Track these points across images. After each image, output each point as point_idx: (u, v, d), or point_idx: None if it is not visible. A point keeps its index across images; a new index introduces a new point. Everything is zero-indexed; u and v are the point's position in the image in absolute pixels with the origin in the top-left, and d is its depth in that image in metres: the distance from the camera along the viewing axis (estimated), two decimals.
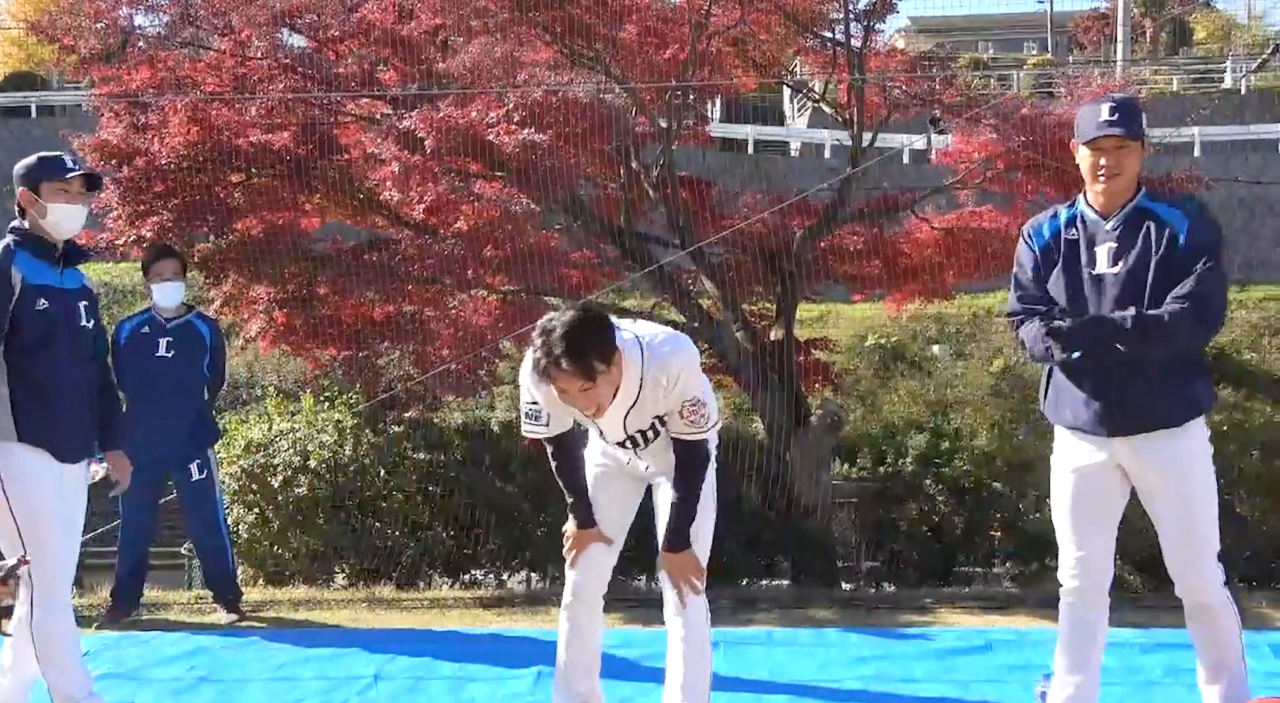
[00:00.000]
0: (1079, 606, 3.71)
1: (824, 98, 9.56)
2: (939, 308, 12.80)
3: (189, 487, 6.00)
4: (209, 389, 6.15)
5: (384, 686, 4.64)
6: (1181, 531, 3.54)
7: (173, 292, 6.05)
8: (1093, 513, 3.66)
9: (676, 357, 3.38)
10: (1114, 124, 3.52)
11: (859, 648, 5.16)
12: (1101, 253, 3.57)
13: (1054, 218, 3.73)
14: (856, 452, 9.16)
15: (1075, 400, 3.60)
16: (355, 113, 8.27)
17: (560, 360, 3.15)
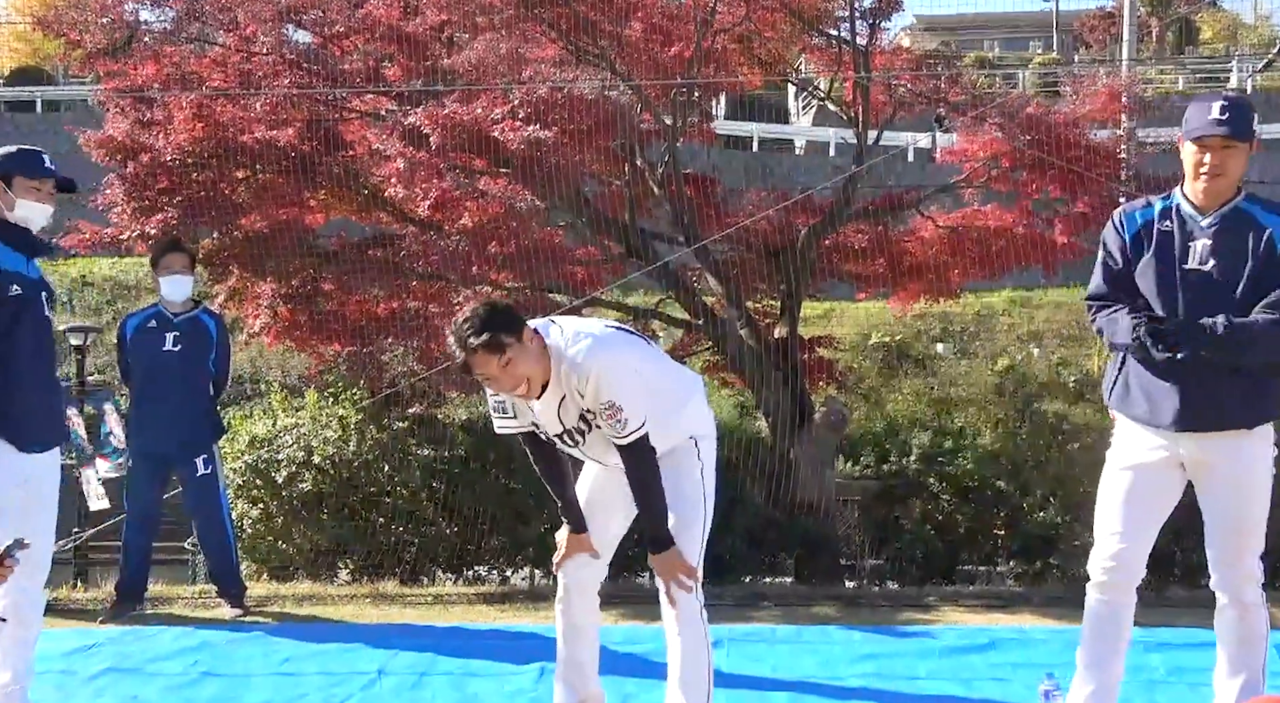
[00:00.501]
0: (1107, 602, 3.69)
1: (829, 96, 9.55)
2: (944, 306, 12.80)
3: (194, 482, 6.01)
4: (214, 385, 6.15)
5: (388, 681, 4.65)
6: (1232, 529, 3.56)
7: (181, 285, 6.06)
8: (1142, 510, 3.65)
9: (591, 361, 3.38)
10: (1222, 123, 3.50)
11: (862, 646, 5.16)
12: (1195, 248, 3.56)
13: (1148, 207, 3.71)
14: (860, 450, 9.14)
15: (1149, 395, 3.59)
16: (360, 109, 8.28)
17: (468, 340, 3.31)
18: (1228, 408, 3.50)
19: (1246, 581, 3.58)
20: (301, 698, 4.42)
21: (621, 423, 3.39)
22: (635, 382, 3.44)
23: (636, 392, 3.43)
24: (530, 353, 3.37)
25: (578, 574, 3.73)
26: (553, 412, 3.51)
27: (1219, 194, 3.58)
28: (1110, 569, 3.66)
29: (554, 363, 3.41)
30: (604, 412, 3.40)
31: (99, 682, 4.67)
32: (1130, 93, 8.76)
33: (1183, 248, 3.58)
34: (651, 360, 3.63)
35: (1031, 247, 8.56)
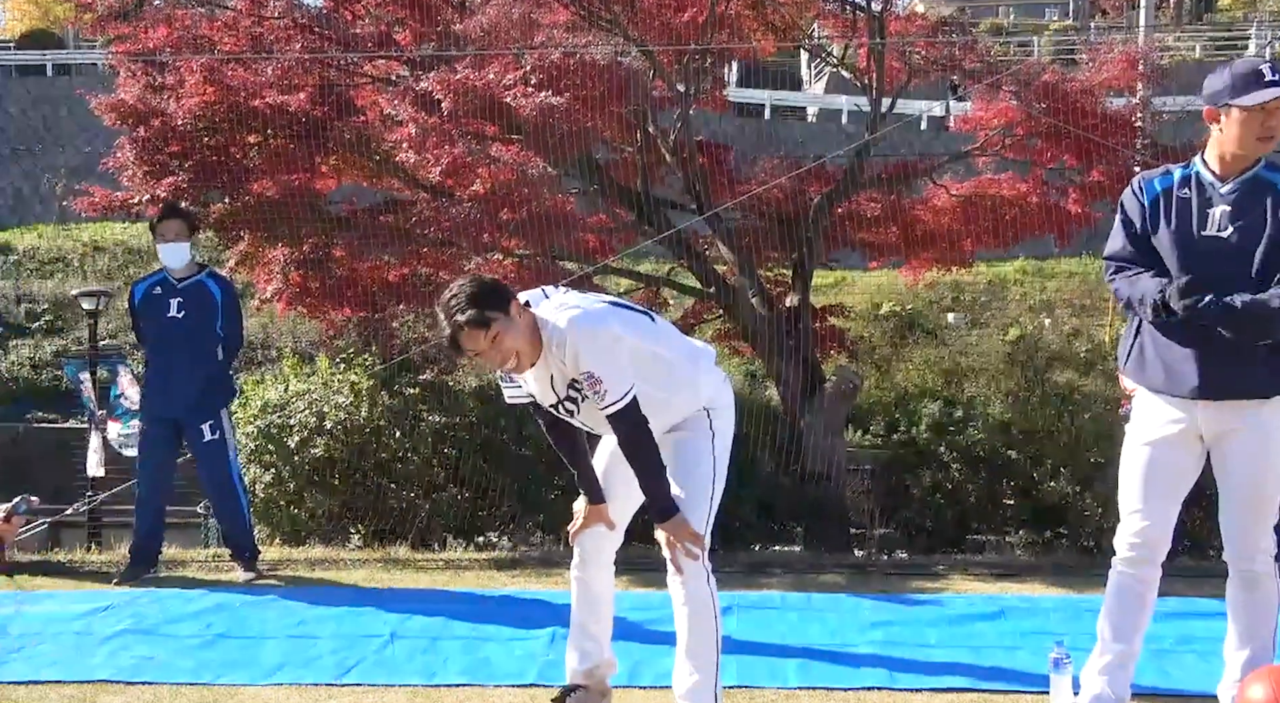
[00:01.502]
0: (1131, 576, 3.67)
1: (843, 62, 9.48)
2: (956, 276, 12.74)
3: (201, 447, 6.01)
4: (225, 349, 6.13)
5: (400, 644, 4.68)
6: (1248, 500, 3.54)
7: (177, 252, 6.01)
8: (1164, 486, 3.63)
9: (570, 329, 3.37)
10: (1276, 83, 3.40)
11: (871, 613, 5.17)
12: (1214, 215, 3.52)
13: (1167, 175, 3.67)
14: (870, 419, 9.16)
15: (1166, 363, 3.56)
16: (372, 74, 8.24)
17: (455, 317, 3.30)
18: (1246, 376, 3.47)
19: (1260, 552, 3.57)
20: (315, 660, 4.46)
21: (601, 394, 3.37)
22: (615, 351, 3.40)
23: (617, 361, 3.39)
24: (518, 327, 3.35)
25: (595, 543, 3.74)
26: (545, 383, 3.51)
27: (1247, 158, 3.51)
28: (1134, 546, 3.65)
29: (542, 335, 3.41)
30: (585, 381, 3.39)
31: (115, 642, 4.71)
32: (1147, 60, 8.68)
33: (1201, 215, 3.53)
34: (649, 333, 3.56)
35: (1045, 216, 8.52)
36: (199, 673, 4.33)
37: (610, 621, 3.84)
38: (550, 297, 3.52)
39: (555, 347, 3.39)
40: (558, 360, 3.42)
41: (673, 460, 3.53)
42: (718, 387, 3.71)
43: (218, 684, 4.20)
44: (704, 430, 3.63)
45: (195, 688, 4.17)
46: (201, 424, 5.97)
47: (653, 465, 3.46)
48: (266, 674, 4.31)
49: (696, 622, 3.50)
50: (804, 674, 4.26)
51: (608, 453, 3.75)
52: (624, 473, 3.68)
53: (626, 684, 4.06)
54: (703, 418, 3.63)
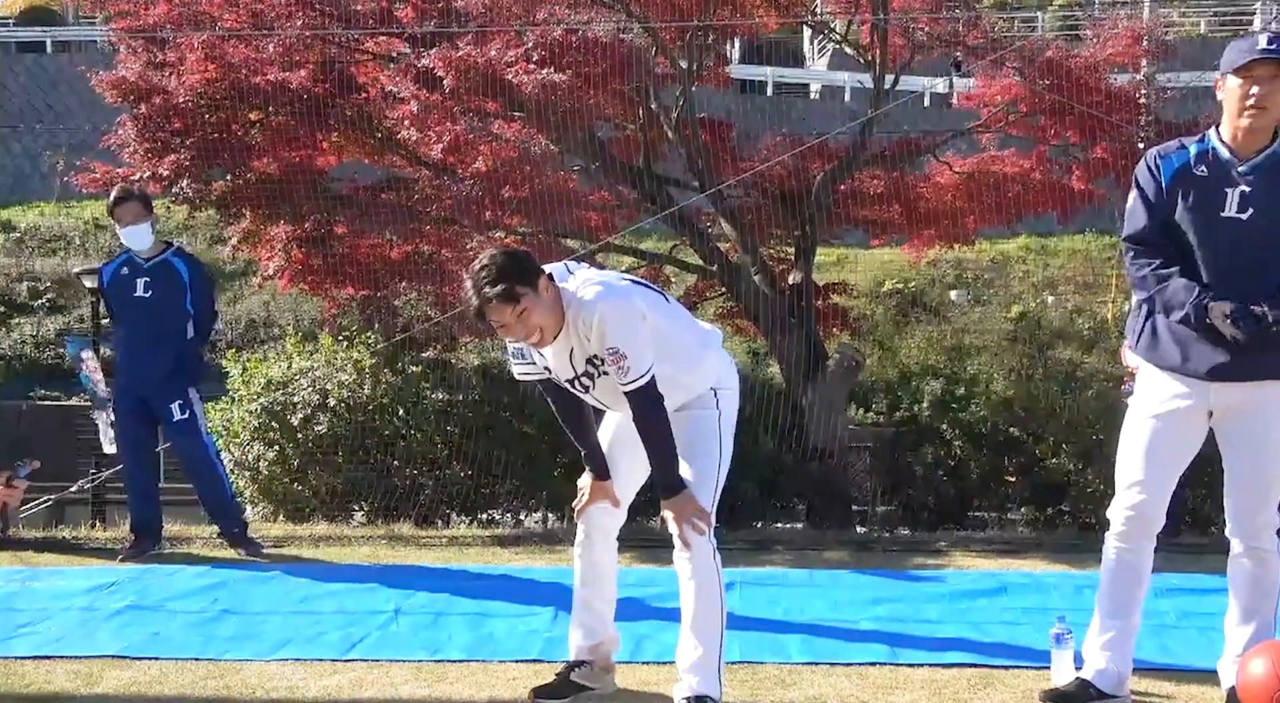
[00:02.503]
0: (1126, 550, 3.66)
1: (845, 39, 9.45)
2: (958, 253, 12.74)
3: (170, 427, 5.98)
4: (196, 327, 6.07)
5: (405, 620, 4.70)
6: (1255, 479, 3.50)
7: (138, 234, 5.93)
8: (1164, 460, 3.60)
9: (598, 304, 3.37)
10: (1270, 51, 3.33)
11: (873, 589, 5.19)
12: (1232, 196, 3.42)
13: (1182, 150, 3.56)
14: (872, 397, 9.17)
15: (1182, 344, 3.51)
16: (373, 51, 8.21)
17: (484, 290, 3.30)
18: (1264, 357, 3.42)
19: (1264, 529, 3.55)
20: (320, 636, 4.47)
21: (624, 370, 3.38)
22: (640, 328, 3.42)
23: (642, 339, 3.41)
24: (545, 302, 3.36)
25: (599, 519, 3.75)
26: (564, 358, 3.51)
27: (1259, 133, 3.43)
28: (1130, 519, 3.63)
29: (565, 309, 3.42)
30: (608, 356, 3.39)
31: (121, 618, 4.73)
32: (1152, 36, 8.63)
33: (1218, 195, 3.43)
34: (666, 313, 3.60)
35: (1048, 193, 8.51)
36: (204, 649, 4.35)
37: (614, 597, 3.86)
38: (574, 272, 3.52)
39: (581, 322, 3.39)
40: (581, 336, 3.42)
41: (681, 438, 3.54)
42: (724, 367, 3.74)
43: (223, 660, 4.22)
44: (711, 410, 3.65)
45: (201, 663, 4.18)
46: (170, 404, 5.92)
47: (665, 442, 3.48)
48: (271, 650, 4.33)
49: (702, 597, 3.52)
50: (806, 650, 4.28)
51: (611, 430, 3.77)
52: (628, 451, 3.69)
53: (630, 659, 4.08)
54: (710, 397, 3.65)
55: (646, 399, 3.43)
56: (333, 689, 3.91)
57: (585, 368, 3.50)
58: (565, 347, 3.47)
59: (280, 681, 3.98)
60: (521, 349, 3.60)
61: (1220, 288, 3.43)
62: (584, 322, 3.39)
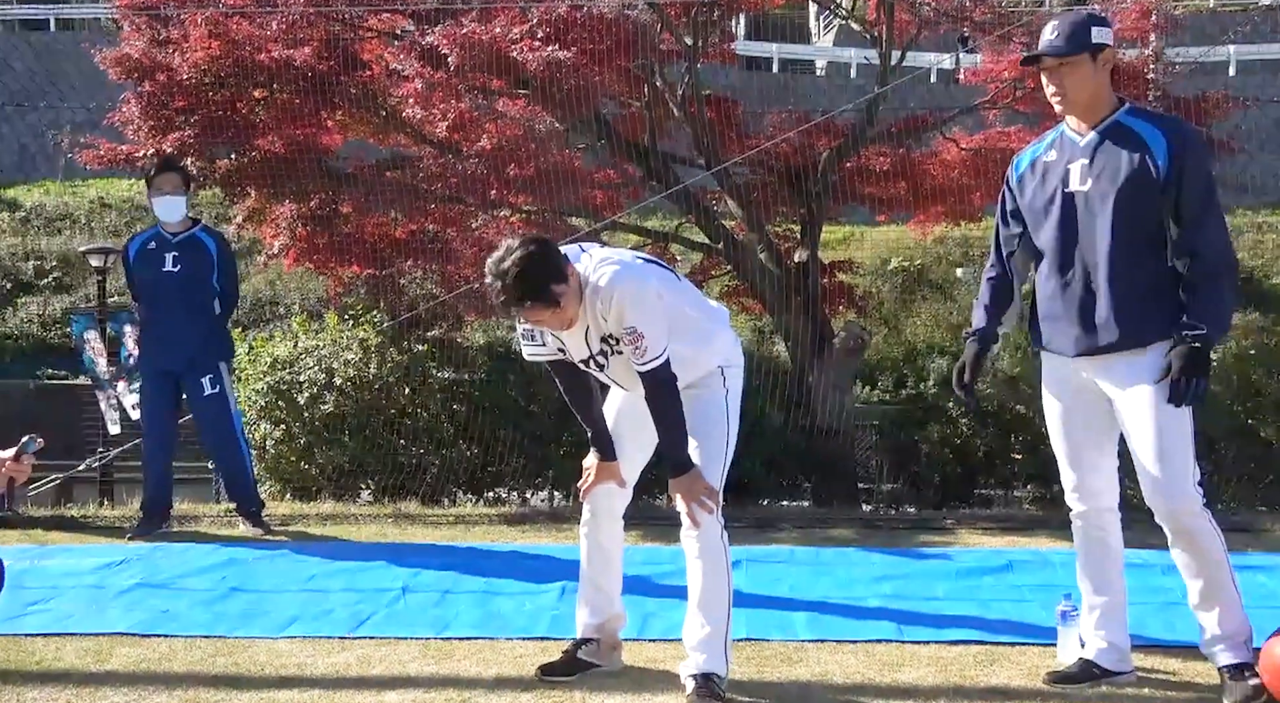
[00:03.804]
0: (1090, 528, 3.68)
1: (851, 14, 9.39)
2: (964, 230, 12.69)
3: (200, 401, 6.02)
4: (222, 303, 6.11)
5: (412, 598, 4.72)
6: (1150, 455, 3.38)
7: (172, 206, 5.98)
8: (1082, 436, 3.60)
9: (616, 285, 3.38)
10: (1050, 43, 3.40)
11: (880, 567, 5.20)
12: (1075, 170, 3.46)
13: (1038, 143, 3.66)
14: (878, 374, 9.17)
15: (1046, 321, 3.58)
16: (377, 28, 8.17)
17: (524, 300, 3.29)
18: (1118, 329, 3.39)
19: (1184, 512, 3.39)
20: (328, 614, 4.50)
21: (641, 350, 3.39)
22: (657, 309, 3.43)
23: (658, 319, 3.42)
24: (574, 291, 3.36)
25: (605, 499, 3.75)
26: (579, 338, 3.52)
27: (1087, 112, 3.44)
28: (1078, 498, 3.66)
29: (582, 290, 3.41)
30: (625, 336, 3.40)
31: (130, 596, 4.76)
32: (1160, 10, 8.57)
33: (1064, 172, 3.48)
34: (678, 291, 3.62)
35: None
36: (213, 626, 4.37)
37: (620, 575, 3.87)
38: (587, 251, 3.52)
39: (599, 303, 3.40)
40: (599, 316, 3.43)
41: (690, 418, 3.55)
42: (731, 346, 3.75)
43: (232, 637, 4.24)
44: (719, 388, 3.65)
45: (210, 641, 4.21)
46: (201, 378, 5.97)
47: (677, 421, 3.49)
48: (280, 628, 4.35)
49: (709, 575, 3.53)
50: (813, 627, 4.29)
51: (615, 409, 3.77)
52: (633, 430, 3.70)
53: (637, 637, 4.09)
54: (718, 376, 3.66)
55: (661, 379, 3.44)
56: (341, 666, 3.93)
57: (600, 347, 3.51)
58: (582, 327, 3.48)
59: (289, 658, 4.01)
60: (532, 330, 3.60)
61: (1068, 263, 3.48)
62: (602, 302, 3.39)
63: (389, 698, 3.60)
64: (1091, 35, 3.41)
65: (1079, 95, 3.44)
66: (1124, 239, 3.39)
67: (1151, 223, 3.37)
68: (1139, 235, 3.38)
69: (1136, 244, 3.39)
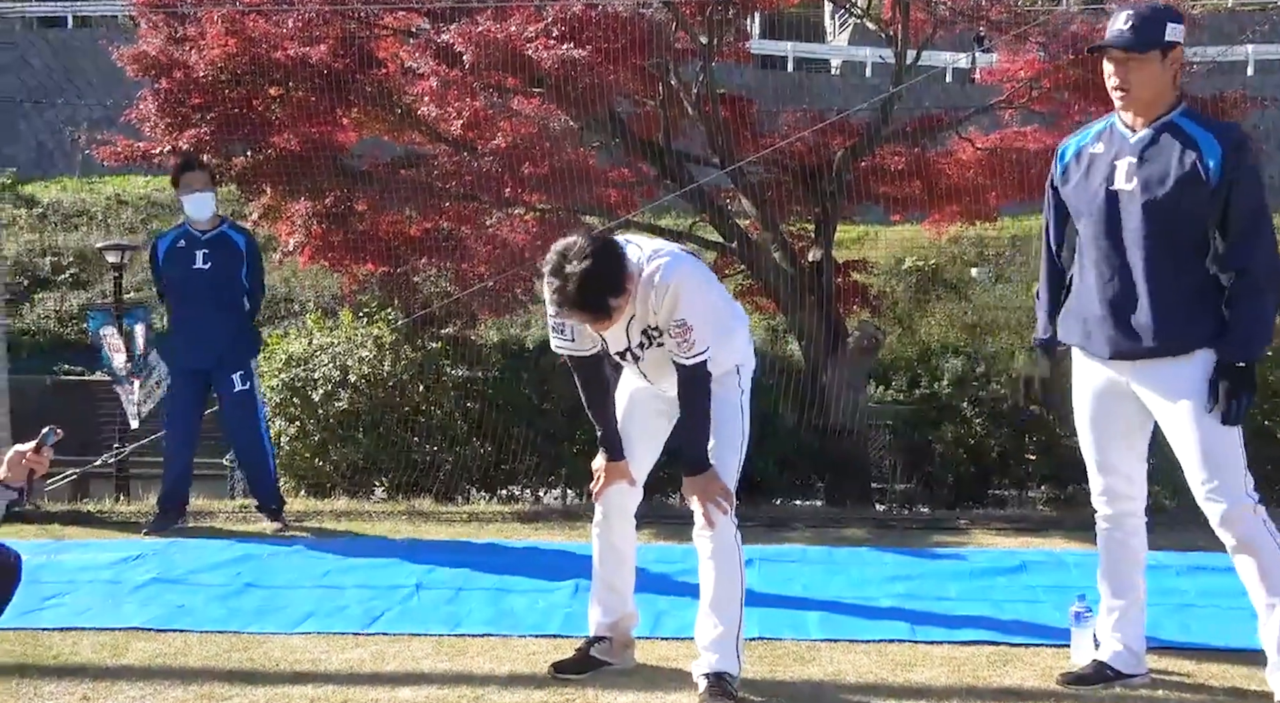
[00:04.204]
0: (1114, 532, 3.65)
1: (867, 13, 9.37)
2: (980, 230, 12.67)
3: (232, 398, 6.08)
4: (250, 299, 6.17)
5: (426, 595, 4.73)
6: (1198, 466, 3.32)
7: (203, 203, 6.04)
8: (1114, 438, 3.55)
9: (670, 278, 3.38)
10: (1122, 34, 3.30)
11: (893, 567, 5.19)
12: (1121, 167, 3.37)
13: (1085, 131, 3.58)
14: (892, 374, 9.14)
15: (1084, 321, 3.50)
16: (393, 26, 8.19)
17: (580, 309, 3.29)
18: (1157, 334, 3.32)
19: (1238, 519, 3.33)
20: (342, 610, 4.52)
21: (690, 343, 3.40)
22: (706, 302, 3.46)
23: (707, 312, 3.45)
24: (629, 297, 3.35)
25: (617, 499, 3.75)
26: (620, 330, 3.50)
27: (1142, 110, 3.36)
28: (1105, 501, 3.62)
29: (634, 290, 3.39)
30: (674, 329, 3.39)
31: (146, 591, 4.79)
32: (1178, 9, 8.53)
33: (1109, 168, 3.40)
34: (714, 285, 3.65)
35: None
36: (228, 621, 4.40)
37: (633, 574, 3.88)
38: (634, 242, 3.52)
39: (653, 295, 3.39)
40: (649, 308, 3.42)
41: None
42: (747, 344, 3.76)
43: (246, 633, 4.26)
44: (735, 388, 3.65)
45: (225, 636, 4.23)
46: (233, 374, 6.03)
47: (704, 419, 3.51)
48: (294, 623, 4.37)
49: (722, 574, 3.53)
50: (825, 627, 4.29)
51: (624, 408, 3.75)
52: (642, 428, 3.71)
53: (649, 635, 4.10)
54: (734, 375, 3.67)
55: (700, 373, 3.47)
56: (355, 662, 3.95)
57: (640, 339, 3.51)
58: (625, 319, 3.46)
59: (303, 653, 4.03)
60: (564, 325, 3.58)
61: (1109, 262, 3.40)
62: (655, 294, 3.39)
63: (402, 694, 3.62)
64: (1165, 32, 3.31)
65: (1143, 92, 3.35)
66: (1167, 243, 3.31)
67: (1198, 229, 3.30)
68: (1183, 240, 3.30)
69: (1180, 249, 3.31)
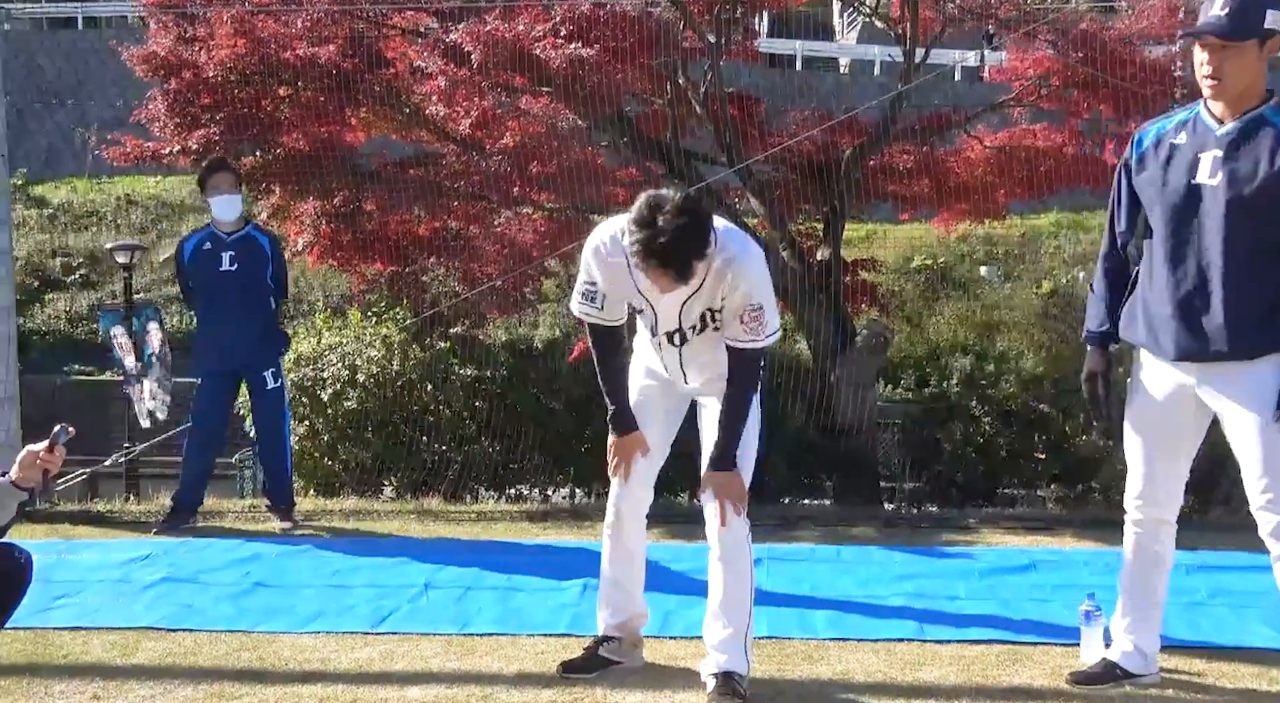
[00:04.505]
0: (1144, 537, 3.56)
1: (875, 12, 9.36)
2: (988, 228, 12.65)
3: (263, 395, 6.09)
4: (275, 299, 6.21)
5: (434, 594, 4.73)
6: (1260, 472, 3.21)
7: (231, 204, 6.07)
8: (1164, 446, 3.46)
9: (746, 257, 3.33)
10: (1218, 20, 3.14)
11: (901, 566, 5.18)
12: (1205, 160, 3.21)
13: (1166, 119, 3.39)
14: (901, 373, 9.14)
15: (1150, 323, 3.38)
16: (401, 26, 8.21)
17: (665, 266, 3.15)
18: (1229, 338, 3.20)
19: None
20: (351, 609, 4.52)
21: (763, 325, 3.36)
22: (770, 291, 3.43)
23: (771, 300, 3.42)
24: (710, 264, 3.26)
25: (630, 501, 3.70)
26: (674, 308, 3.42)
27: (1232, 101, 3.20)
28: (1142, 505, 3.54)
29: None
30: (749, 312, 3.33)
31: (156, 590, 4.79)
32: (1188, 7, 8.50)
33: (1192, 160, 3.24)
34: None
35: (1081, 167, 8.42)
36: (237, 621, 4.40)
37: (643, 574, 3.85)
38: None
39: (730, 274, 3.30)
40: (719, 289, 3.33)
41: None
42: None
43: (256, 632, 4.26)
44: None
45: (234, 635, 4.23)
46: (264, 372, 6.06)
47: (747, 411, 3.47)
48: (304, 623, 4.37)
49: (732, 575, 3.52)
50: (834, 626, 4.28)
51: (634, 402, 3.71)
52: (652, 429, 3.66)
53: (658, 634, 4.09)
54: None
55: (757, 361, 3.45)
56: (364, 662, 3.95)
57: (695, 322, 3.43)
58: (683, 295, 3.36)
59: (312, 653, 4.03)
60: (595, 291, 3.48)
61: (1182, 258, 3.27)
62: (734, 274, 3.30)
63: (411, 694, 3.62)
64: (1265, 19, 3.13)
65: (1235, 83, 3.19)
66: (1248, 244, 3.18)
67: None
68: (1265, 242, 3.18)
69: (1260, 250, 3.19)
